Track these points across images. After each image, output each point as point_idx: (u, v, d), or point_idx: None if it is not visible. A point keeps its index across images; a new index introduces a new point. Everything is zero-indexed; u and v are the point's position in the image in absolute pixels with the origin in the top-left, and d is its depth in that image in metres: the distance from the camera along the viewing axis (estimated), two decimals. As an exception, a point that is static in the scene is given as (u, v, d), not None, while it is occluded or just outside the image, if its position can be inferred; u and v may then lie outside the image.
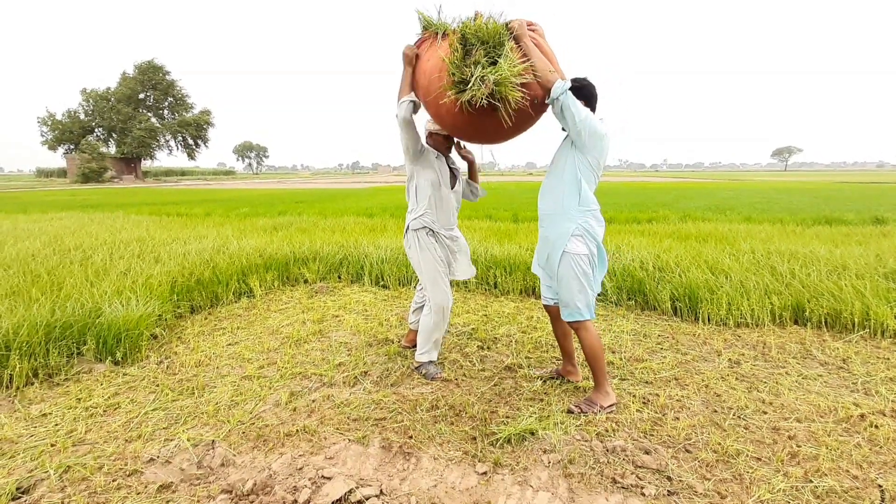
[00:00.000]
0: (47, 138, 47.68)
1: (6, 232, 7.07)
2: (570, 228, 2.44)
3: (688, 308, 3.89)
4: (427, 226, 2.86)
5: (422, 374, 2.88)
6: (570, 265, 2.45)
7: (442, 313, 2.84)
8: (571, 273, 2.45)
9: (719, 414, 2.44)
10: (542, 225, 2.61)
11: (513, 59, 2.20)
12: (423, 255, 2.85)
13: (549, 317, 2.81)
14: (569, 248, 2.45)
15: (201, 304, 4.24)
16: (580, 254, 2.44)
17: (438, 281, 2.83)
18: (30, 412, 2.46)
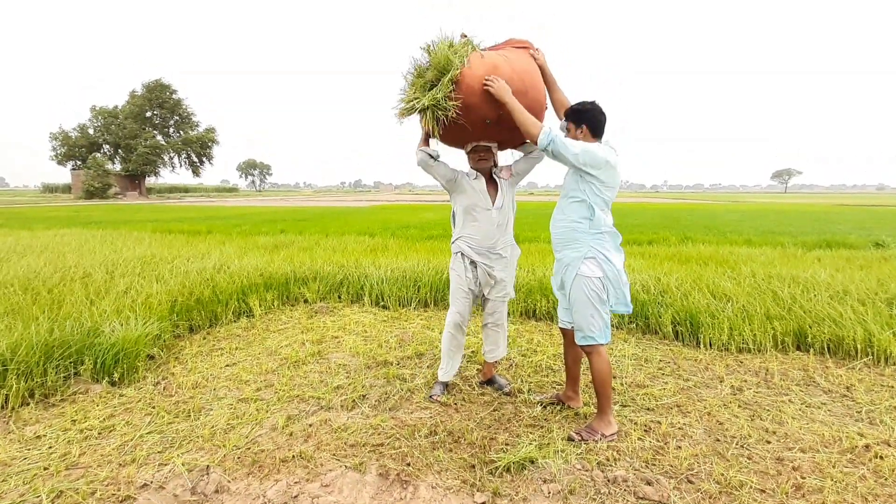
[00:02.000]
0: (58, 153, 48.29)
1: (9, 248, 7.10)
2: (583, 251, 2.45)
3: (689, 332, 3.86)
4: (461, 250, 2.89)
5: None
6: (582, 288, 2.44)
7: (451, 329, 2.92)
8: (584, 296, 2.44)
9: (722, 443, 2.40)
10: (556, 249, 2.61)
11: (446, 89, 2.46)
12: (452, 274, 2.97)
13: (564, 340, 2.78)
14: (582, 271, 2.44)
15: (200, 323, 4.23)
16: (593, 277, 2.42)
17: (456, 300, 2.92)
18: (24, 434, 2.44)
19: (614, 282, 2.46)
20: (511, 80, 2.50)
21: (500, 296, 2.93)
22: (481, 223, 2.83)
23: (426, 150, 2.87)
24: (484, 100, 2.49)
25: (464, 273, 2.87)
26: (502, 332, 3.01)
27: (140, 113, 50.86)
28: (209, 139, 54.10)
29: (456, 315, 2.91)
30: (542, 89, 2.71)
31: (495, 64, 2.53)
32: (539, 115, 2.68)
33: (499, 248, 2.86)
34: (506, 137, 2.80)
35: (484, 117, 2.55)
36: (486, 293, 2.93)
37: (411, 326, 4.33)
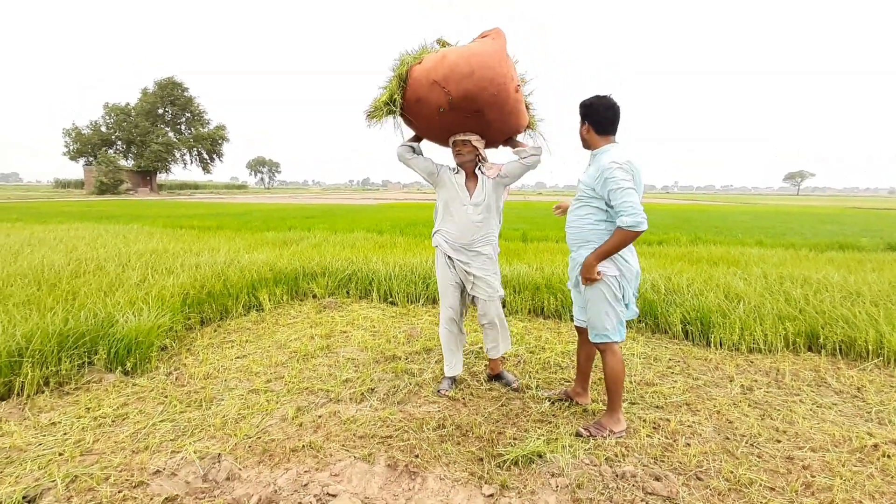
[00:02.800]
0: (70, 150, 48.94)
1: (23, 241, 7.22)
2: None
3: (699, 332, 3.84)
4: (438, 244, 2.93)
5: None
6: (597, 286, 2.42)
7: (445, 324, 2.95)
8: (599, 294, 2.42)
9: (731, 441, 2.39)
10: (571, 248, 2.57)
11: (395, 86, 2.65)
12: (436, 269, 3.01)
13: (578, 337, 2.76)
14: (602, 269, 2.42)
15: (211, 316, 4.28)
16: (608, 275, 2.40)
17: (444, 295, 2.96)
18: (39, 420, 2.48)
19: (630, 280, 2.43)
20: (457, 64, 2.47)
21: (485, 295, 2.88)
22: (457, 218, 2.83)
23: (406, 144, 2.92)
24: (431, 89, 2.53)
25: (445, 268, 2.91)
26: (500, 330, 2.96)
27: (152, 110, 51.37)
28: (219, 136, 54.52)
29: (447, 310, 2.94)
30: (494, 67, 2.47)
31: (443, 53, 2.56)
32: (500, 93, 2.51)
33: (476, 245, 2.84)
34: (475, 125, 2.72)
35: (437, 107, 2.59)
36: (469, 290, 2.92)
37: (419, 322, 4.35)
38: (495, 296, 2.91)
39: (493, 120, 2.66)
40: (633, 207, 2.21)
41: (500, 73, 2.49)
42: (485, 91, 2.48)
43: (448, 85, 2.49)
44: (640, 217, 2.21)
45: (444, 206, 2.90)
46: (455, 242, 2.86)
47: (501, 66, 2.49)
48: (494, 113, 2.61)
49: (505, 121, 2.68)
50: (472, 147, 2.81)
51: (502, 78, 2.50)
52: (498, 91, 2.50)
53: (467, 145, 2.80)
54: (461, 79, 2.46)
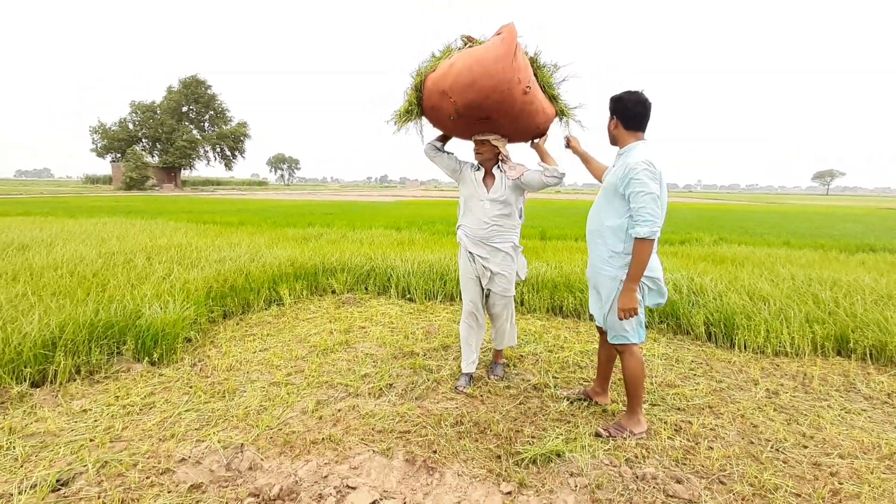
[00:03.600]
0: (97, 146, 50.45)
1: (55, 234, 7.48)
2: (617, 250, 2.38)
3: (723, 334, 3.76)
4: (460, 239, 3.01)
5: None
6: (616, 287, 2.37)
7: (466, 319, 3.01)
8: (616, 296, 2.38)
9: (756, 446, 2.34)
10: (590, 247, 2.53)
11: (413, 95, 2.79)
12: (459, 263, 3.07)
13: (600, 337, 2.72)
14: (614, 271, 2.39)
15: (234, 309, 4.37)
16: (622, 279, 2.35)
17: (466, 289, 3.02)
18: (71, 407, 2.58)
19: (650, 282, 2.38)
20: (461, 73, 2.48)
21: (500, 290, 2.94)
22: (475, 213, 2.90)
23: (432, 143, 3.03)
24: (441, 98, 2.60)
25: (466, 262, 2.98)
26: (506, 326, 3.07)
27: (177, 108, 52.57)
28: (241, 134, 55.50)
29: (469, 304, 3.00)
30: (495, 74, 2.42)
31: (452, 62, 2.58)
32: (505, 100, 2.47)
33: (494, 241, 2.88)
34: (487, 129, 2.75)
35: (447, 115, 2.66)
36: (485, 284, 2.97)
37: (437, 319, 4.36)
38: (510, 292, 2.97)
39: (503, 124, 2.68)
40: (651, 216, 2.17)
41: (503, 79, 2.45)
42: (488, 99, 2.48)
43: (453, 95, 2.52)
44: (657, 227, 2.19)
45: (464, 202, 2.98)
46: (473, 236, 2.91)
47: (505, 73, 2.44)
48: (503, 118, 2.62)
49: (516, 123, 2.68)
50: (490, 146, 2.85)
51: (506, 84, 2.46)
52: (502, 98, 2.49)
53: (486, 145, 2.84)
54: (464, 89, 2.48)
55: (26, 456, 2.12)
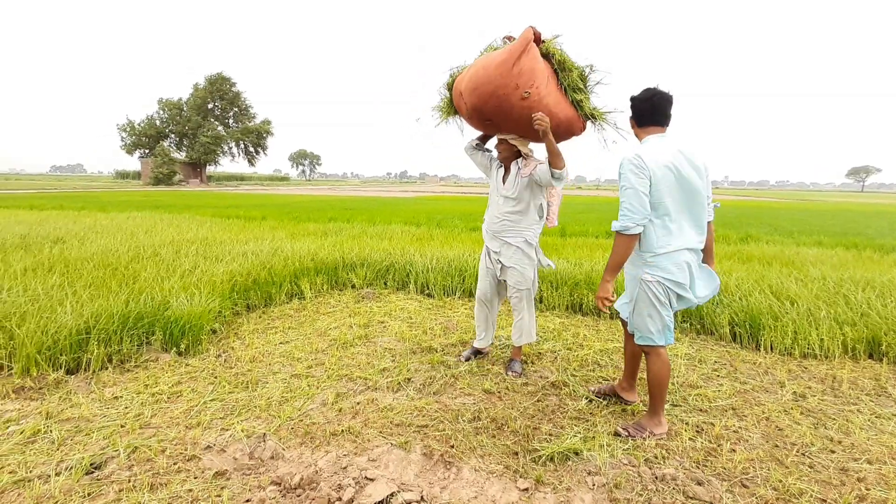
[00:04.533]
0: (125, 143, 51.97)
1: (89, 227, 7.76)
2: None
3: (748, 334, 3.67)
4: (483, 229, 3.21)
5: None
6: (642, 288, 2.34)
7: (477, 303, 3.28)
8: (642, 296, 2.34)
9: (781, 449, 2.28)
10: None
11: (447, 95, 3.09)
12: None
13: (624, 332, 2.68)
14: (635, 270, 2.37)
15: (256, 302, 4.47)
16: (645, 280, 2.31)
17: (480, 277, 3.27)
18: (104, 394, 2.68)
19: (677, 287, 2.30)
20: (469, 79, 2.68)
21: (514, 282, 3.05)
22: (492, 207, 3.11)
23: (472, 140, 3.27)
24: (458, 99, 2.84)
25: (483, 254, 3.21)
26: (524, 321, 3.10)
27: (203, 105, 53.73)
28: (265, 130, 56.43)
29: (479, 291, 3.27)
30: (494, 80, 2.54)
31: (471, 66, 2.79)
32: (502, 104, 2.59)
33: (505, 235, 3.01)
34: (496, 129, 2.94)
35: (465, 113, 2.89)
36: (499, 275, 3.14)
37: (455, 315, 4.37)
38: (523, 285, 3.05)
39: (507, 126, 2.82)
40: (628, 210, 2.21)
41: (499, 84, 2.56)
42: (487, 104, 2.66)
43: (464, 97, 2.74)
44: (631, 222, 2.19)
45: (489, 197, 3.19)
46: (489, 230, 3.11)
47: (502, 78, 2.54)
48: (504, 121, 2.77)
49: (519, 126, 2.79)
50: (508, 145, 3.00)
51: (502, 90, 2.57)
52: (499, 103, 2.63)
53: (504, 143, 3.01)
54: (469, 93, 2.69)
55: (62, 440, 2.22)
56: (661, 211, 2.24)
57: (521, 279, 3.03)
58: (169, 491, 1.89)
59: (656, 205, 2.23)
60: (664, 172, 2.20)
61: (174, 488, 1.90)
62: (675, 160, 2.23)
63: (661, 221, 2.25)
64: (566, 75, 2.71)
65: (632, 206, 2.19)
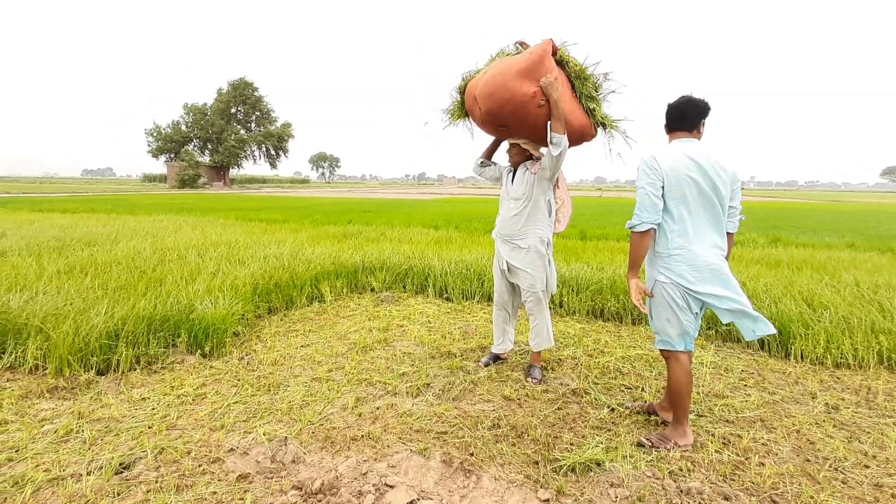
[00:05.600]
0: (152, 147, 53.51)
1: (118, 230, 8.01)
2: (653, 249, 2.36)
3: (777, 343, 3.56)
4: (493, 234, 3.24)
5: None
6: (657, 288, 2.33)
7: (495, 306, 3.30)
8: (659, 299, 2.32)
9: (812, 464, 2.20)
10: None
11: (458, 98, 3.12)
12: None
13: None
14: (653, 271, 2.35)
15: (278, 305, 4.53)
16: (660, 281, 2.30)
17: (495, 282, 3.29)
18: (132, 395, 2.76)
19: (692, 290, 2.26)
20: (486, 83, 2.69)
21: (525, 285, 3.05)
22: (503, 211, 3.14)
23: (477, 161, 3.35)
24: (472, 103, 2.84)
25: (495, 258, 3.24)
26: (538, 323, 3.09)
27: (226, 109, 54.99)
28: (286, 134, 57.43)
29: (496, 294, 3.29)
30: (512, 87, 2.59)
31: (486, 70, 2.79)
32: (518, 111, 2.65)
33: (516, 238, 3.03)
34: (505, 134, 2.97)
35: (477, 118, 2.89)
36: (510, 278, 3.15)
37: (474, 320, 4.36)
38: (536, 288, 3.04)
39: (522, 132, 2.85)
40: (638, 210, 2.26)
41: (517, 92, 2.62)
42: (503, 109, 2.69)
43: (480, 102, 2.76)
44: (638, 219, 2.25)
45: (500, 203, 3.21)
46: (499, 234, 3.14)
47: (522, 87, 2.61)
48: (520, 127, 2.80)
49: (533, 132, 2.83)
50: (519, 149, 3.06)
51: (520, 97, 2.63)
52: (515, 109, 2.67)
53: (515, 147, 3.07)
54: (485, 98, 2.71)
55: (93, 439, 2.29)
56: (675, 213, 2.26)
57: (534, 281, 3.02)
58: (194, 493, 1.93)
59: (671, 206, 2.26)
60: (678, 175, 2.22)
61: (199, 490, 1.94)
62: (693, 164, 2.23)
63: (676, 223, 2.26)
64: (582, 84, 2.80)
65: (642, 203, 2.26)
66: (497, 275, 3.23)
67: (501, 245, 3.12)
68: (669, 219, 2.27)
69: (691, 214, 2.25)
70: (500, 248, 3.14)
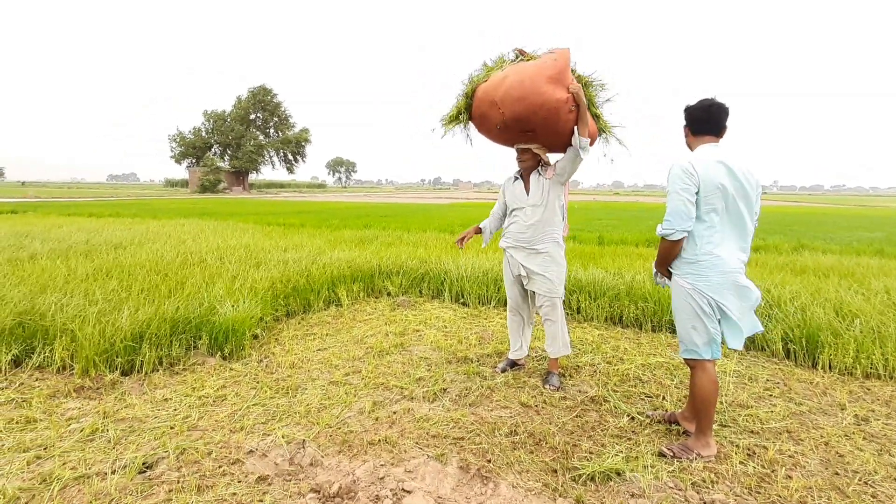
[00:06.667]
0: (175, 153, 54.84)
1: (142, 234, 8.21)
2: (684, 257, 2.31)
3: (804, 352, 3.45)
4: (502, 245, 3.23)
5: None
6: (681, 295, 2.28)
7: (509, 312, 3.31)
8: (683, 306, 2.28)
9: (841, 477, 2.13)
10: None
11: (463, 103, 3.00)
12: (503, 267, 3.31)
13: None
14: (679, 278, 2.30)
15: (295, 309, 4.58)
16: (685, 287, 2.25)
17: (507, 290, 3.28)
18: (155, 396, 2.81)
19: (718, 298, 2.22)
20: (512, 87, 2.64)
21: (543, 290, 3.04)
22: (518, 219, 3.09)
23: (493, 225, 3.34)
24: (490, 108, 2.77)
25: (506, 265, 3.23)
26: (556, 329, 3.06)
27: (245, 115, 56.10)
28: (303, 139, 58.28)
29: (509, 300, 3.29)
30: (545, 93, 2.60)
31: (505, 74, 2.73)
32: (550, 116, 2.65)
33: (535, 243, 3.02)
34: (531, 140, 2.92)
35: (494, 124, 2.83)
36: (526, 285, 3.13)
37: (491, 325, 4.34)
38: (554, 293, 3.03)
39: (545, 137, 2.86)
40: (671, 214, 2.19)
41: (550, 98, 2.62)
42: (535, 115, 2.67)
43: (503, 107, 2.70)
44: (672, 227, 2.19)
45: (510, 214, 3.19)
46: (515, 242, 3.10)
47: (555, 93, 2.62)
48: (546, 132, 2.80)
49: (558, 138, 2.85)
50: (532, 154, 3.03)
51: (553, 103, 2.63)
52: (548, 115, 2.66)
53: (528, 152, 3.03)
54: (513, 103, 2.66)
55: (118, 439, 2.33)
56: (707, 220, 2.21)
57: (551, 286, 3.02)
58: (215, 493, 1.95)
59: (703, 213, 2.21)
60: (714, 181, 2.18)
61: (219, 491, 1.97)
62: (725, 170, 2.19)
63: (707, 230, 2.22)
64: (586, 91, 2.91)
65: (676, 210, 2.19)
66: (510, 282, 3.22)
67: (516, 252, 3.11)
68: (700, 225, 2.22)
69: (722, 222, 2.21)
70: (513, 256, 3.13)
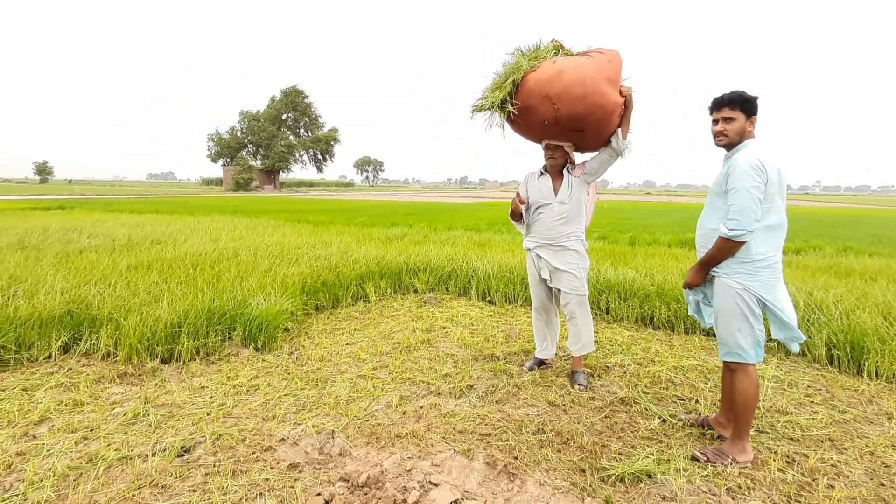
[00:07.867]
0: (212, 152, 56.72)
1: (180, 230, 8.53)
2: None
3: (848, 358, 3.29)
4: (528, 246, 3.20)
5: None
6: (729, 297, 2.18)
7: (534, 312, 3.27)
8: (732, 308, 2.18)
9: (888, 488, 2.02)
10: (699, 253, 2.35)
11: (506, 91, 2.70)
12: (527, 266, 3.29)
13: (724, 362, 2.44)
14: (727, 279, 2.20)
15: (325, 304, 4.67)
16: (736, 289, 2.16)
17: (532, 288, 3.25)
18: (192, 384, 2.92)
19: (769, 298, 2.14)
20: (573, 83, 2.53)
21: (568, 288, 3.01)
22: (544, 216, 3.05)
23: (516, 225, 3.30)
24: (542, 102, 2.61)
25: (531, 264, 3.19)
26: (580, 326, 3.04)
27: (277, 116, 57.49)
28: (332, 138, 59.28)
29: (534, 300, 3.25)
30: (606, 94, 2.58)
31: (560, 69, 2.57)
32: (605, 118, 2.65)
33: (561, 240, 3.01)
34: (572, 139, 2.87)
35: (542, 118, 2.69)
36: (550, 283, 3.10)
37: (517, 323, 4.32)
38: (580, 290, 3.01)
39: (590, 137, 2.82)
40: (740, 213, 2.06)
41: (611, 100, 2.58)
42: (593, 115, 2.61)
43: (560, 102, 2.59)
44: (741, 227, 2.06)
45: (533, 212, 3.14)
46: (541, 239, 3.07)
47: (613, 94, 2.58)
48: (594, 133, 2.75)
49: (599, 139, 2.84)
50: (563, 152, 2.99)
51: (612, 105, 2.60)
52: (604, 115, 2.62)
53: (559, 150, 2.97)
54: (573, 100, 2.56)
55: (158, 423, 2.44)
56: (765, 218, 2.13)
57: (577, 283, 3.00)
58: (248, 478, 2.01)
59: (763, 211, 2.12)
60: (777, 179, 2.11)
61: (253, 476, 2.03)
62: (777, 167, 2.13)
63: (763, 230, 2.13)
64: None
65: (746, 209, 2.06)
66: (535, 281, 3.19)
67: (542, 251, 3.07)
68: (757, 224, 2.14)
69: (776, 222, 2.15)
70: (539, 255, 3.08)
